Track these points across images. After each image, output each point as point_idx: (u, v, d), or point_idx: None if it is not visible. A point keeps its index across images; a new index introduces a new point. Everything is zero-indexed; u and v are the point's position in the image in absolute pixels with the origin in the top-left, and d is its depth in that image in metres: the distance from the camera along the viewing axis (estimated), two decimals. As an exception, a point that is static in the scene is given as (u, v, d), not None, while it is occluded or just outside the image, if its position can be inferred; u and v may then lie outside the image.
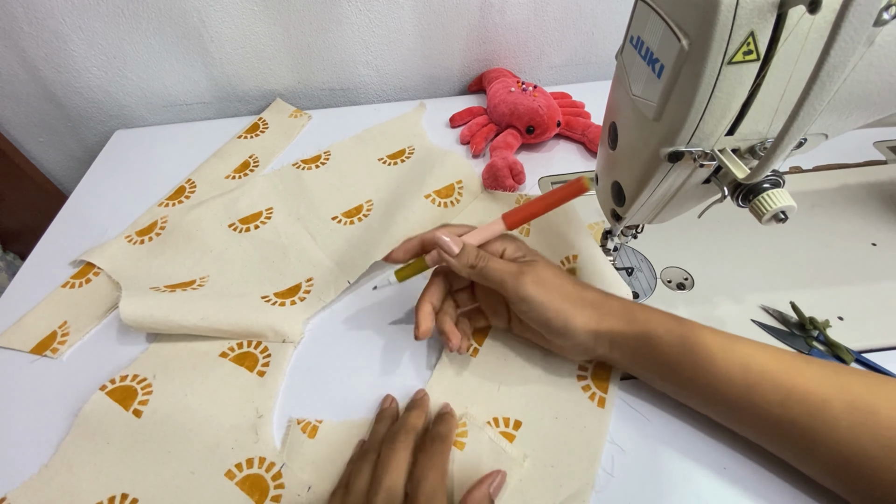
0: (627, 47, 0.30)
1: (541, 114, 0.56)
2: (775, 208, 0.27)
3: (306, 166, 0.59)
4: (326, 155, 0.60)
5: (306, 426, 0.36)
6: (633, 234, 0.42)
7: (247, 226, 0.52)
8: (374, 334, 0.42)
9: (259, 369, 0.40)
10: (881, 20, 0.20)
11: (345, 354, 0.41)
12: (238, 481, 0.34)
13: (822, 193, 0.49)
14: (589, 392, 0.36)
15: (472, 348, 0.40)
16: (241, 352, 0.41)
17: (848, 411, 0.28)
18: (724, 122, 0.26)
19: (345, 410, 0.37)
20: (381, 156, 0.59)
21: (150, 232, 0.51)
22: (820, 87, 0.20)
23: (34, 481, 0.35)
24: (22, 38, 0.59)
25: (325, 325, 0.43)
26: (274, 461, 0.35)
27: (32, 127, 0.68)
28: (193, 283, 0.46)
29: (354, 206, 0.53)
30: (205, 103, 0.69)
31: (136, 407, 0.38)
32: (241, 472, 0.34)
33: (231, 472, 0.34)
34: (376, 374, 0.39)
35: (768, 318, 0.40)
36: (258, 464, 0.35)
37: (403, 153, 0.60)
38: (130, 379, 0.39)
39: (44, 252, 0.52)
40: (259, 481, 0.34)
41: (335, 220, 0.52)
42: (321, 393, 0.39)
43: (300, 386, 0.39)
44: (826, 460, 0.28)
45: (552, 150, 0.59)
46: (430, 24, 0.64)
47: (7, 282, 0.55)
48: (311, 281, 0.46)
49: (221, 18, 0.60)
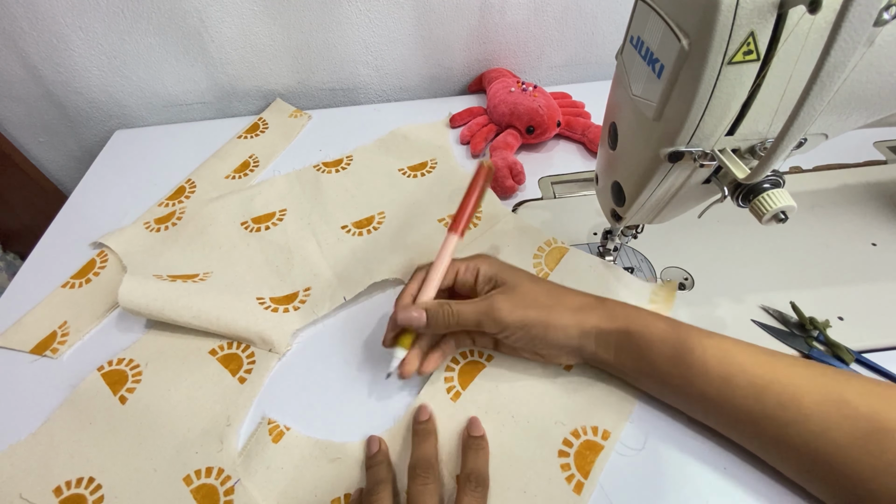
0: (627, 47, 0.31)
1: (541, 114, 0.56)
2: (775, 208, 0.27)
3: (327, 169, 0.58)
4: (349, 159, 0.59)
5: (274, 429, 0.36)
6: (634, 234, 0.42)
7: (258, 226, 0.52)
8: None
9: (241, 375, 0.40)
10: (881, 20, 0.20)
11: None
12: (193, 488, 0.34)
13: (822, 193, 0.49)
14: (567, 473, 0.32)
15: (453, 390, 0.37)
16: (228, 352, 0.41)
17: (819, 404, 0.28)
18: (725, 122, 0.26)
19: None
20: (403, 166, 0.58)
21: (168, 220, 0.52)
22: (820, 87, 0.20)
23: (20, 447, 0.36)
24: (22, 39, 0.59)
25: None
26: (230, 475, 0.34)
27: (32, 127, 0.68)
28: (196, 276, 0.46)
29: (366, 217, 0.52)
30: (205, 103, 0.69)
31: (122, 393, 0.39)
32: (198, 480, 0.34)
33: (189, 477, 0.34)
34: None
35: (768, 318, 0.40)
36: (216, 474, 0.35)
37: (425, 165, 0.58)
38: (126, 364, 0.40)
39: (44, 252, 0.52)
40: (212, 492, 0.34)
41: (344, 230, 0.51)
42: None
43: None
44: (799, 454, 0.29)
45: (552, 151, 0.59)
46: (430, 24, 0.64)
47: (7, 282, 0.55)
48: (309, 291, 0.45)
49: (221, 18, 0.60)
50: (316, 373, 0.40)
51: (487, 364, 0.39)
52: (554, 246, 0.46)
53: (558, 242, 0.47)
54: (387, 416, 0.37)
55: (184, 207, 0.54)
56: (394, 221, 0.52)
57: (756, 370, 0.30)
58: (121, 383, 0.39)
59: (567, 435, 0.34)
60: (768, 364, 0.30)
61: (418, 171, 0.58)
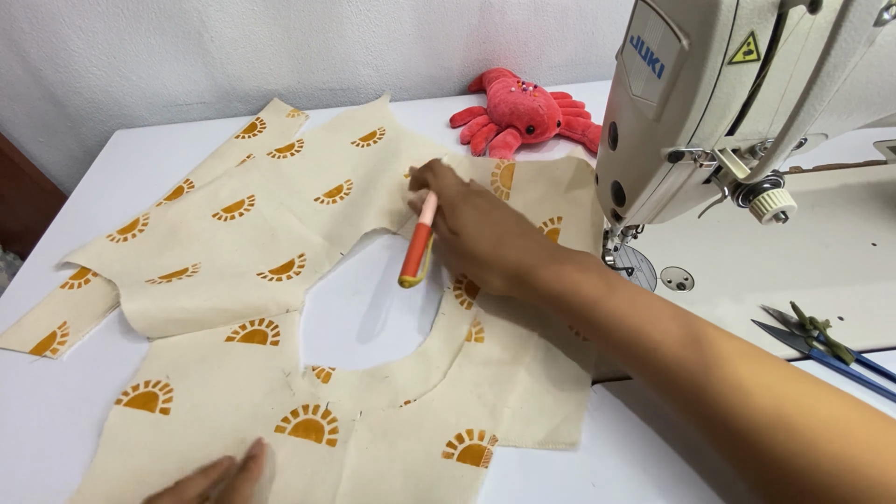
0: (627, 47, 0.31)
1: (541, 113, 0.56)
2: (775, 208, 0.27)
3: (281, 155, 0.60)
4: (300, 143, 0.61)
5: (320, 372, 0.39)
6: (633, 234, 0.42)
7: (231, 214, 0.52)
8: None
9: (272, 340, 0.41)
10: (881, 20, 0.20)
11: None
12: (290, 431, 0.36)
13: (822, 193, 0.49)
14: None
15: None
16: (248, 331, 0.42)
17: (682, 345, 0.30)
18: (725, 122, 0.26)
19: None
20: (354, 139, 0.62)
21: (132, 230, 0.51)
22: (820, 86, 0.20)
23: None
24: (22, 39, 0.59)
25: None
26: (318, 403, 0.37)
27: (32, 127, 0.68)
28: (186, 270, 0.46)
29: (335, 187, 0.55)
30: (205, 103, 0.69)
31: (161, 406, 0.38)
32: (294, 419, 0.36)
33: (280, 426, 0.36)
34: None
35: (768, 318, 0.40)
36: (304, 411, 0.37)
37: (375, 135, 0.62)
38: (144, 386, 0.39)
39: (44, 252, 0.52)
40: (312, 424, 0.36)
41: (318, 201, 0.53)
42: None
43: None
44: (655, 381, 0.31)
45: (552, 150, 0.59)
46: (430, 24, 0.64)
47: (7, 282, 0.55)
48: (304, 256, 0.48)
49: (221, 18, 0.60)
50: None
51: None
52: (504, 165, 0.54)
53: (506, 162, 0.55)
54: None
55: (147, 214, 0.53)
56: (362, 184, 0.54)
57: (630, 319, 0.32)
58: (154, 401, 0.38)
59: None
60: (645, 311, 0.32)
61: (370, 139, 0.61)
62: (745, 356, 0.29)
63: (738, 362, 0.28)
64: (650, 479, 0.32)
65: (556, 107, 0.58)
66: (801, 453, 0.25)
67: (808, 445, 0.25)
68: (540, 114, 0.56)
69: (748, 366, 0.28)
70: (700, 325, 0.31)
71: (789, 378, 0.28)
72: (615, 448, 0.34)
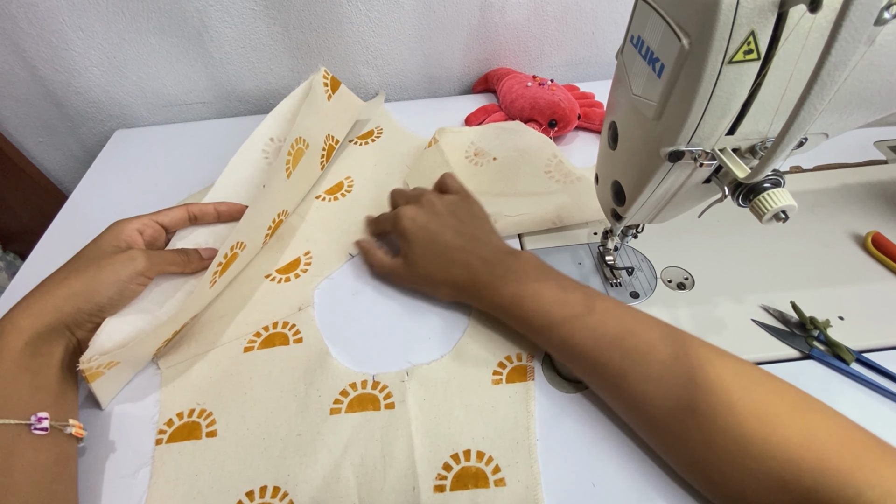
0: (628, 47, 0.30)
1: (563, 107, 0.56)
2: (776, 208, 0.27)
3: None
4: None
5: None
6: (634, 233, 0.42)
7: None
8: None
9: (294, 339, 0.41)
10: (882, 19, 0.20)
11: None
12: (346, 409, 0.37)
13: (822, 193, 0.49)
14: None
15: None
16: (263, 338, 0.42)
17: (621, 337, 0.33)
18: (725, 122, 0.26)
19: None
20: (352, 138, 0.62)
21: None
22: (820, 86, 0.20)
23: None
24: (22, 39, 0.59)
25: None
26: (365, 379, 0.38)
27: (32, 127, 0.68)
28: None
29: (336, 184, 0.55)
30: (205, 103, 0.69)
31: (207, 430, 0.36)
32: (343, 402, 0.37)
33: (334, 409, 0.37)
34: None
35: (769, 318, 0.40)
36: (352, 389, 0.38)
37: (372, 134, 0.62)
38: (178, 419, 0.37)
39: (44, 252, 0.51)
40: (366, 397, 0.37)
41: (319, 199, 0.54)
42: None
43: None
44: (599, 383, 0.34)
45: (572, 143, 0.60)
46: (430, 24, 0.64)
47: (7, 282, 0.55)
48: (310, 254, 0.48)
49: (221, 18, 0.60)
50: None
51: None
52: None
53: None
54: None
55: None
56: (363, 181, 0.55)
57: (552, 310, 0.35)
58: (198, 430, 0.36)
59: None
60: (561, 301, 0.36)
61: (367, 138, 0.62)
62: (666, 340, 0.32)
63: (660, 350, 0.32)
64: (650, 479, 0.32)
65: (574, 100, 0.59)
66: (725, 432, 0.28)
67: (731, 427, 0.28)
68: (562, 107, 0.56)
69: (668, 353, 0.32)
70: (627, 316, 0.34)
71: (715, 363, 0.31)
72: (615, 448, 0.34)
